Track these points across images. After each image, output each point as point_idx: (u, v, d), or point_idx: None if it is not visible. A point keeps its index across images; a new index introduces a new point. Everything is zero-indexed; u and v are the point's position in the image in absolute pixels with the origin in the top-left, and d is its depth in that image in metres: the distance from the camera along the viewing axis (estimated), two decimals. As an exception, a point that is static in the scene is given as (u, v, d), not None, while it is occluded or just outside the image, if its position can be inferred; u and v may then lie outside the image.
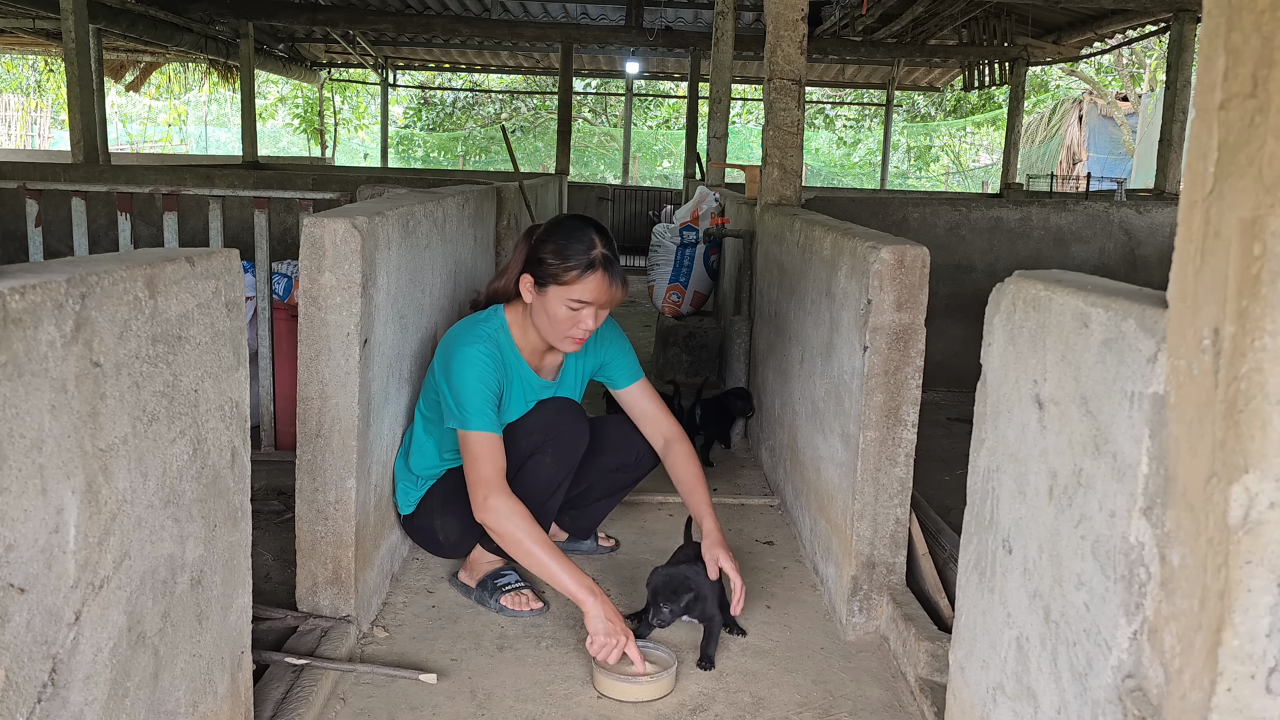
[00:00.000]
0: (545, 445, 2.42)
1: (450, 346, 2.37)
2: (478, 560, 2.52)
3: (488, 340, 2.38)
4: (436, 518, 2.51)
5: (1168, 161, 8.37)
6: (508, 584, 2.47)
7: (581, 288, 2.31)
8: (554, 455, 2.43)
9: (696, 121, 11.25)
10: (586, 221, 2.42)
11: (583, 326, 2.35)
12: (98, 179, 5.43)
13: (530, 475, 2.41)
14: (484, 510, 2.22)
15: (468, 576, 2.53)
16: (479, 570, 2.52)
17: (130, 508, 1.23)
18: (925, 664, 2.07)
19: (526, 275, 2.39)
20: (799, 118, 3.65)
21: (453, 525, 2.50)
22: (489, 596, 2.46)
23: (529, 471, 2.41)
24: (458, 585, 2.55)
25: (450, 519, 2.49)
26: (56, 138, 21.16)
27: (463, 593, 2.53)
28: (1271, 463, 0.83)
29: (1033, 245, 5.11)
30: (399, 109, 23.06)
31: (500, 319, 2.46)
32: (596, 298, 2.33)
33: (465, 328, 2.43)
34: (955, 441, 3.66)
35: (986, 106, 20.66)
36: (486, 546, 2.49)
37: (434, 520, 2.51)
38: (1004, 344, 1.43)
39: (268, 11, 10.64)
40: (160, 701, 1.34)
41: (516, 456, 2.40)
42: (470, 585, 2.52)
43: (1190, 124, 0.95)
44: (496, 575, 2.49)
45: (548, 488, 2.44)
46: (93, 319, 1.13)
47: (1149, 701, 1.00)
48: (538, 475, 2.42)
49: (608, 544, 2.86)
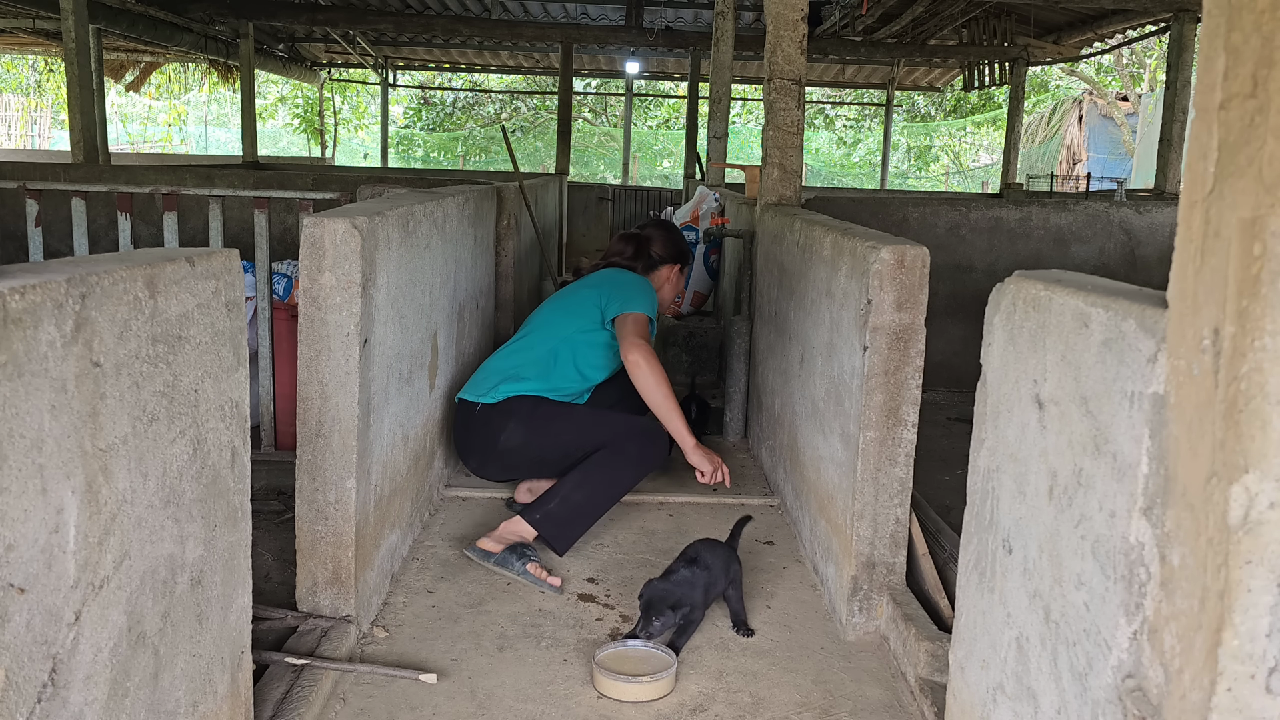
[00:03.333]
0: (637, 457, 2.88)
1: (623, 276, 3.19)
2: (510, 531, 2.70)
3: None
4: (513, 420, 2.85)
5: (1168, 161, 8.37)
6: (534, 554, 2.64)
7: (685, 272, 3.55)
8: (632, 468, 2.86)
9: (696, 121, 11.25)
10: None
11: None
12: (98, 179, 5.43)
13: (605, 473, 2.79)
14: (636, 349, 2.82)
15: (493, 544, 2.67)
16: (507, 539, 2.69)
17: (130, 508, 1.23)
18: (925, 664, 2.07)
19: (675, 265, 3.44)
20: (799, 118, 3.65)
21: (519, 433, 2.86)
22: (515, 559, 2.61)
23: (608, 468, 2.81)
24: (477, 553, 2.67)
25: (535, 430, 2.87)
26: (56, 138, 21.15)
27: (481, 560, 2.65)
28: (1271, 463, 0.83)
29: (1033, 245, 5.11)
30: (399, 109, 23.05)
31: None
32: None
33: (638, 278, 3.22)
34: (955, 441, 3.66)
35: (986, 106, 20.65)
36: (527, 518, 2.70)
37: (510, 421, 2.85)
38: (1004, 344, 1.43)
39: (268, 11, 10.64)
40: (160, 701, 1.34)
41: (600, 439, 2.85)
42: (493, 551, 2.66)
43: (1190, 124, 0.95)
44: (525, 546, 2.66)
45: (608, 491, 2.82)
46: (93, 319, 1.13)
47: (1149, 701, 1.00)
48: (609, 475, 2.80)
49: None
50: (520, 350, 3.03)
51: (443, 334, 2.97)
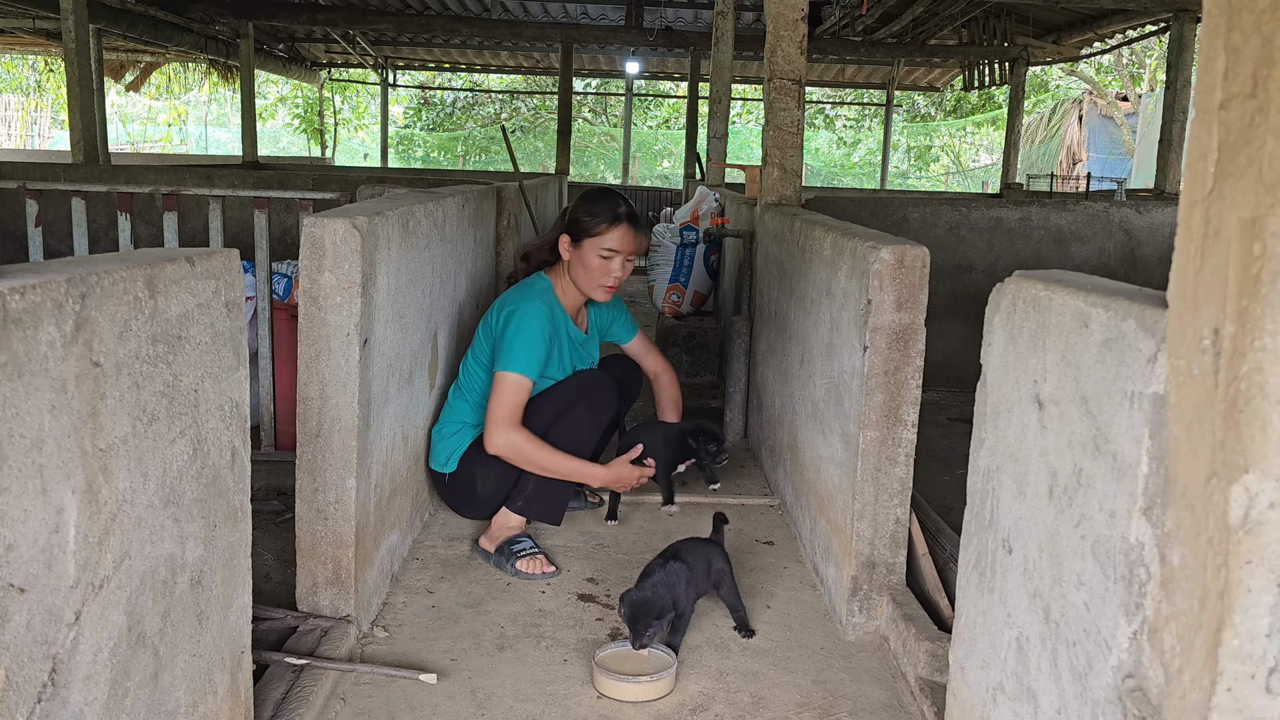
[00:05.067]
0: (579, 400, 2.80)
1: (510, 304, 2.80)
2: (499, 525, 2.74)
3: (543, 298, 2.83)
4: (478, 468, 2.79)
5: (1168, 161, 8.37)
6: (523, 550, 2.67)
7: (610, 237, 2.83)
8: (586, 409, 2.79)
9: (696, 121, 11.25)
10: (610, 189, 2.99)
11: (614, 275, 2.86)
12: (98, 179, 5.43)
13: (564, 426, 2.76)
14: (497, 440, 2.64)
15: (488, 543, 2.74)
16: (498, 536, 2.73)
17: (130, 508, 1.23)
18: (925, 664, 2.07)
19: (564, 235, 2.88)
20: (799, 118, 3.65)
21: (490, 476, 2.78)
22: (505, 561, 2.66)
23: (564, 423, 2.76)
24: (480, 552, 2.75)
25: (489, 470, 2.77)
26: (56, 138, 21.15)
27: (484, 558, 2.73)
28: (1271, 463, 0.83)
29: (1033, 245, 5.11)
30: (399, 109, 23.06)
31: (546, 282, 2.92)
32: (624, 246, 2.84)
33: (521, 289, 2.87)
34: (955, 441, 3.66)
35: (986, 106, 20.66)
36: (511, 508, 2.74)
37: (475, 470, 2.79)
38: (1004, 344, 1.43)
39: (268, 11, 10.64)
40: (160, 701, 1.34)
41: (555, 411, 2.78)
42: (490, 551, 2.72)
43: (1190, 124, 0.95)
44: (513, 542, 2.70)
45: (582, 438, 2.79)
46: (93, 319, 1.13)
47: (1149, 701, 1.00)
48: (570, 427, 2.76)
49: (594, 500, 3.16)
50: (453, 401, 2.88)
51: (443, 334, 2.97)
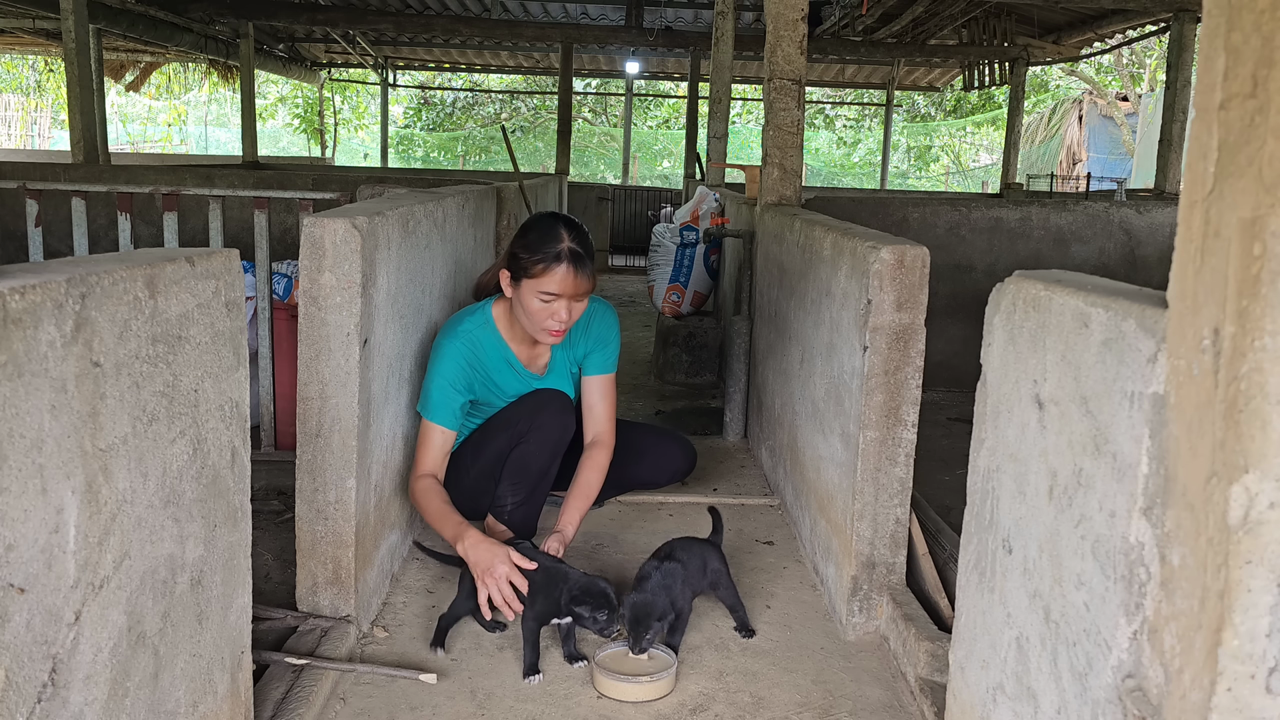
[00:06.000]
0: (529, 434, 2.62)
1: (437, 337, 2.58)
2: (490, 531, 2.64)
3: (465, 337, 2.57)
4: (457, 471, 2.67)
5: (1168, 161, 8.37)
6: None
7: (549, 280, 2.47)
8: (536, 443, 2.62)
9: (696, 121, 11.25)
10: (557, 218, 2.54)
11: (557, 318, 2.51)
12: (98, 179, 5.43)
13: (517, 463, 2.63)
14: (412, 487, 2.49)
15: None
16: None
17: (130, 508, 1.23)
18: (925, 664, 2.07)
19: (505, 270, 2.56)
20: (799, 118, 3.65)
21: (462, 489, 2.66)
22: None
23: (516, 460, 2.63)
24: None
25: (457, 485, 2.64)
26: (56, 138, 21.16)
27: None
28: (1271, 463, 0.83)
29: (1033, 245, 5.11)
30: (399, 109, 23.05)
31: (487, 313, 2.65)
32: (564, 289, 2.47)
33: (452, 321, 2.62)
34: (955, 441, 3.66)
35: (986, 106, 20.65)
36: (497, 516, 2.65)
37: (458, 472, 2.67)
38: (1004, 344, 1.43)
39: (268, 11, 10.63)
40: (160, 701, 1.34)
41: (502, 447, 2.65)
42: None
43: (1190, 124, 0.95)
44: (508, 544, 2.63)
45: (535, 474, 2.65)
46: (93, 319, 1.13)
47: (1149, 701, 1.00)
48: (524, 462, 2.63)
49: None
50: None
51: (443, 334, 2.97)
